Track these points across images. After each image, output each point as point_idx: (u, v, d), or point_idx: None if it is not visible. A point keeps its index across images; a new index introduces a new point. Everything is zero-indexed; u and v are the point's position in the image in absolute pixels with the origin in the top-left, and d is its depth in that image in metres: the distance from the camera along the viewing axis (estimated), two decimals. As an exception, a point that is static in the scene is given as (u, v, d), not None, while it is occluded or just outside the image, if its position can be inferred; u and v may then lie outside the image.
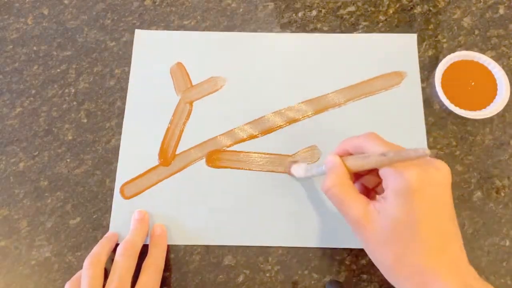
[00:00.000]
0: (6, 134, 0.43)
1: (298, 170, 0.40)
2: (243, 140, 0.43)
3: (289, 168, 0.41)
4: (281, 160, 0.42)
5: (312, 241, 0.40)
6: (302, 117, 0.43)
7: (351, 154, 0.32)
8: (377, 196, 0.33)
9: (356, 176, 0.35)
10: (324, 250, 0.39)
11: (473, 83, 0.42)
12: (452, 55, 0.43)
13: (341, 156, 0.32)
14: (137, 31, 0.47)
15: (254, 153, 0.42)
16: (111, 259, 0.38)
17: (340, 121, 0.43)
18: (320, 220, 0.40)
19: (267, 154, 0.42)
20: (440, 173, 0.29)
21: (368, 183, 0.35)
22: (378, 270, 0.38)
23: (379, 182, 0.33)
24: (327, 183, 0.31)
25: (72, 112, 0.44)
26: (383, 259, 0.29)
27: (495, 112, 0.41)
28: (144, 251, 0.38)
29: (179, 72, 0.45)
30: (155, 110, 0.44)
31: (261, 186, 0.41)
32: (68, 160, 0.43)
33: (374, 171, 0.33)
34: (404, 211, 0.28)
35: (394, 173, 0.28)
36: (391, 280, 0.29)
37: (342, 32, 0.46)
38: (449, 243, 0.28)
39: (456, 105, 0.41)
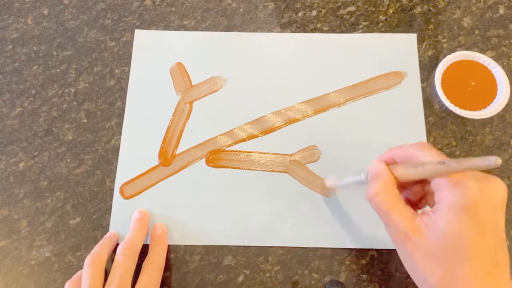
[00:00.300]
0: (6, 134, 0.43)
1: (331, 182, 0.39)
2: (243, 140, 0.43)
3: (324, 186, 0.40)
4: (281, 159, 0.42)
5: (312, 241, 0.40)
6: (302, 117, 0.43)
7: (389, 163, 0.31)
8: (424, 210, 0.31)
9: (399, 188, 0.32)
10: (324, 250, 0.39)
11: (473, 83, 0.42)
12: (452, 55, 0.43)
13: (387, 164, 0.31)
14: (136, 31, 0.47)
15: (254, 153, 0.42)
16: (111, 259, 0.38)
17: (340, 121, 0.43)
18: (320, 220, 0.40)
19: (267, 154, 0.42)
20: (499, 191, 0.27)
21: (412, 196, 0.33)
22: (378, 270, 0.39)
23: (423, 196, 0.32)
24: (372, 191, 0.30)
25: (72, 112, 0.44)
26: (428, 276, 0.27)
27: (495, 112, 0.41)
28: (144, 251, 0.38)
29: (179, 72, 0.45)
30: (155, 110, 0.44)
31: (261, 186, 0.41)
32: (68, 160, 0.42)
33: (420, 183, 0.31)
34: (458, 227, 0.26)
35: (451, 184, 0.27)
36: None
37: (342, 32, 0.46)
38: (499, 269, 0.26)
39: (456, 105, 0.41)
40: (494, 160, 0.24)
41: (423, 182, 0.31)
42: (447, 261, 0.26)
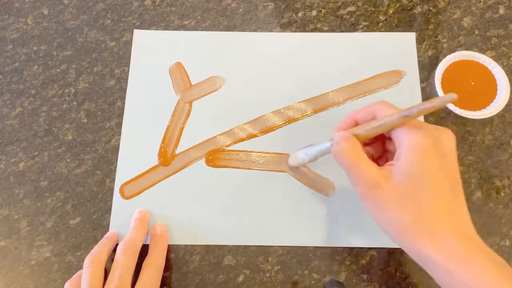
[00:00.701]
0: (6, 134, 0.43)
1: (296, 158, 0.39)
2: (242, 140, 0.43)
3: (287, 163, 0.41)
4: (281, 159, 0.42)
5: (312, 240, 0.40)
6: (302, 116, 0.43)
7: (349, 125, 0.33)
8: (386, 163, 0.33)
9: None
10: (324, 250, 0.39)
11: (473, 83, 0.42)
12: (452, 55, 0.42)
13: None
14: (135, 31, 0.47)
15: (254, 152, 0.42)
16: (111, 259, 0.38)
17: (340, 120, 0.43)
18: (320, 220, 0.40)
19: (267, 153, 0.42)
20: (449, 140, 0.30)
21: (373, 153, 0.35)
22: (378, 270, 0.39)
23: (382, 154, 0.34)
24: (338, 148, 0.31)
25: (72, 112, 0.44)
26: (402, 216, 0.28)
27: (495, 112, 0.41)
28: (144, 251, 0.38)
29: (178, 72, 0.45)
30: (155, 110, 0.44)
31: (261, 185, 0.41)
32: (68, 160, 0.43)
33: (380, 141, 0.34)
34: (420, 166, 0.28)
35: (411, 128, 0.29)
36: (406, 239, 0.29)
37: (342, 32, 0.46)
38: (460, 206, 0.29)
39: (456, 105, 0.41)
40: (451, 96, 0.27)
41: (383, 139, 0.33)
42: (415, 200, 0.28)
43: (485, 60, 0.42)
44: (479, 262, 0.27)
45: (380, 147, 0.34)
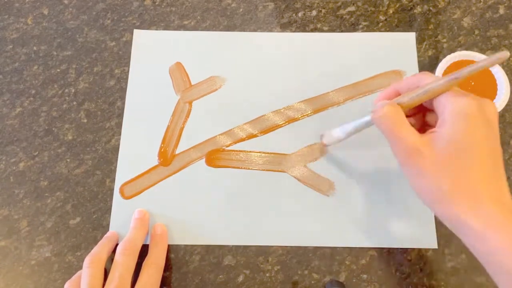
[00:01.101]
0: (6, 134, 0.43)
1: (331, 137, 0.39)
2: (242, 140, 0.43)
3: (322, 143, 0.41)
4: (281, 159, 0.42)
5: (312, 240, 0.40)
6: (302, 116, 0.43)
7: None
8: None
9: None
10: (324, 250, 0.39)
11: (473, 83, 0.42)
12: (452, 55, 0.42)
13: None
14: (135, 31, 0.47)
15: (254, 152, 0.42)
16: (111, 259, 0.38)
17: (340, 120, 0.43)
18: (320, 220, 0.40)
19: (267, 153, 0.42)
20: (492, 107, 0.29)
21: (412, 124, 0.34)
22: (378, 270, 0.39)
23: (423, 126, 0.34)
24: (380, 111, 0.30)
25: (72, 112, 0.44)
26: (441, 183, 0.28)
27: (499, 109, 0.40)
28: (144, 251, 0.38)
29: (178, 72, 0.45)
30: (155, 110, 0.44)
31: (261, 185, 0.41)
32: (68, 160, 0.43)
33: (421, 112, 0.33)
34: (465, 133, 0.28)
35: (454, 96, 0.29)
36: (445, 206, 0.28)
37: (342, 32, 0.46)
38: (499, 176, 0.28)
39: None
40: (504, 54, 0.26)
41: (424, 111, 0.33)
42: (456, 168, 0.28)
43: (481, 58, 0.42)
44: None
45: (421, 120, 0.34)
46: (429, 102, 0.31)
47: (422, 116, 0.34)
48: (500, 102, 0.41)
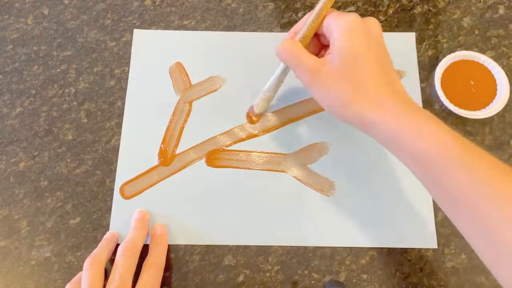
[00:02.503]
0: (6, 134, 0.43)
1: (258, 103, 0.42)
2: (242, 140, 0.43)
3: (252, 113, 0.43)
4: (281, 159, 0.42)
5: (311, 240, 0.40)
6: (302, 116, 0.43)
7: None
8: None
9: None
10: (324, 250, 0.39)
11: (472, 83, 0.42)
12: (452, 55, 0.43)
13: None
14: (135, 31, 0.47)
15: (254, 152, 0.42)
16: (111, 260, 0.38)
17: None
18: (320, 220, 0.40)
19: (267, 153, 0.42)
20: (374, 21, 0.34)
21: (312, 51, 0.38)
22: (378, 270, 0.39)
23: (320, 49, 0.38)
24: (280, 46, 0.35)
25: (72, 112, 0.44)
26: (344, 93, 0.32)
27: (495, 112, 0.41)
28: (144, 251, 0.38)
29: (178, 72, 0.45)
30: (155, 110, 0.44)
31: (261, 185, 0.41)
32: (68, 160, 0.43)
33: (315, 38, 0.37)
34: (352, 44, 0.32)
35: (339, 17, 0.33)
36: (349, 111, 0.32)
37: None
38: (391, 75, 0.33)
39: (456, 105, 0.41)
40: None
41: (317, 36, 0.37)
42: (353, 75, 0.32)
43: (485, 60, 0.42)
44: (414, 114, 0.30)
45: (317, 43, 0.37)
46: (322, 33, 0.35)
47: (317, 40, 0.37)
48: (500, 102, 0.41)
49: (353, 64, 0.32)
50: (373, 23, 0.33)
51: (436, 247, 0.39)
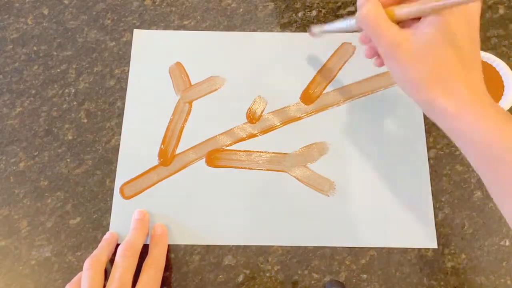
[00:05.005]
0: (6, 134, 0.43)
1: (318, 28, 0.41)
2: (242, 139, 0.43)
3: (310, 30, 0.42)
4: (281, 159, 0.42)
5: (312, 240, 0.40)
6: (302, 116, 0.43)
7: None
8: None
9: None
10: (324, 250, 0.39)
11: None
12: None
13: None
14: (135, 31, 0.47)
15: (254, 152, 0.42)
16: (111, 260, 0.38)
17: (340, 119, 0.43)
18: (320, 219, 0.40)
19: (267, 153, 0.42)
20: (475, 4, 0.30)
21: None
22: (378, 270, 0.39)
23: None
24: (363, 11, 0.32)
25: (72, 112, 0.44)
26: (419, 72, 0.30)
27: (506, 109, 0.40)
28: (144, 251, 0.38)
29: (178, 72, 0.45)
30: (155, 110, 0.44)
31: (261, 185, 0.41)
32: (68, 160, 0.43)
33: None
34: (438, 30, 0.29)
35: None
36: (421, 93, 0.31)
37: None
38: (476, 66, 0.31)
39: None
40: None
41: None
42: (433, 58, 0.30)
43: (494, 60, 0.42)
44: (487, 109, 0.29)
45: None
46: None
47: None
48: (507, 102, 0.41)
49: (438, 44, 0.30)
50: (474, 7, 0.31)
51: (436, 247, 0.39)
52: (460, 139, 0.31)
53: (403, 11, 0.31)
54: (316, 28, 0.42)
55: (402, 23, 0.33)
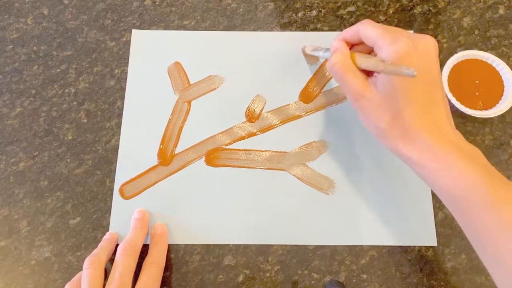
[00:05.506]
0: (6, 134, 0.43)
1: (308, 48, 0.44)
2: (242, 138, 0.43)
3: (303, 48, 0.45)
4: (280, 157, 0.42)
5: (311, 239, 0.40)
6: (301, 114, 0.43)
7: (348, 43, 0.36)
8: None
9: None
10: (324, 250, 0.39)
11: (477, 82, 0.42)
12: (459, 54, 0.42)
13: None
14: (134, 31, 0.47)
15: (253, 151, 0.42)
16: (111, 260, 0.38)
17: (339, 118, 0.43)
18: (319, 218, 0.40)
19: (266, 151, 0.42)
20: (427, 43, 0.32)
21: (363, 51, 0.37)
22: (378, 270, 0.39)
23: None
24: (332, 60, 0.34)
25: (72, 112, 0.44)
26: (379, 122, 0.32)
27: (505, 110, 0.40)
28: (144, 251, 0.38)
29: (177, 72, 0.45)
30: (154, 109, 0.44)
31: (261, 184, 0.41)
32: (68, 160, 0.43)
33: (370, 53, 0.36)
34: (396, 80, 0.31)
35: (386, 46, 0.31)
36: (385, 141, 0.33)
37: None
38: (435, 107, 0.32)
39: (462, 104, 0.41)
40: (412, 71, 0.28)
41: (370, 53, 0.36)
42: (392, 108, 0.31)
43: (494, 60, 0.42)
44: (448, 153, 0.30)
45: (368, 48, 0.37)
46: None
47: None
48: (507, 102, 0.41)
49: (395, 95, 0.31)
50: (426, 45, 0.32)
51: (435, 244, 0.39)
52: (427, 183, 0.32)
53: (362, 63, 0.33)
54: (307, 49, 0.44)
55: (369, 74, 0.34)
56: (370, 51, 0.36)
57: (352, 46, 0.37)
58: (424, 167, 0.31)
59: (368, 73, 0.35)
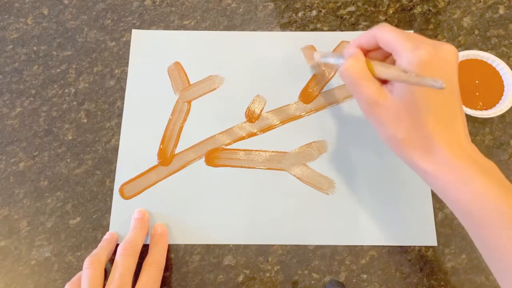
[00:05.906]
0: (6, 134, 0.43)
1: (315, 55, 0.40)
2: (242, 138, 0.43)
3: (306, 55, 0.43)
4: (280, 157, 0.42)
5: (312, 239, 0.40)
6: (301, 114, 0.43)
7: (363, 49, 0.34)
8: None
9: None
10: (324, 250, 0.39)
11: (477, 82, 0.42)
12: (459, 53, 0.42)
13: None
14: (134, 31, 0.47)
15: (253, 151, 0.42)
16: (111, 260, 0.38)
17: (339, 118, 0.43)
18: (320, 218, 0.40)
19: (266, 151, 0.42)
20: (449, 52, 0.30)
21: (379, 57, 0.36)
22: (378, 270, 0.39)
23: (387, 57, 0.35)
24: (346, 64, 0.33)
25: (72, 112, 0.44)
26: (396, 132, 0.31)
27: (505, 109, 0.40)
28: (144, 251, 0.38)
29: (177, 72, 0.45)
30: (154, 109, 0.44)
31: (261, 184, 0.41)
32: (68, 160, 0.43)
33: (386, 59, 0.35)
34: (416, 89, 0.30)
35: (406, 52, 0.30)
36: (400, 151, 0.32)
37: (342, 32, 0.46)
38: (455, 119, 0.31)
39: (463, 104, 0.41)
40: (441, 84, 0.27)
41: (387, 57, 0.35)
42: (411, 117, 0.30)
43: (494, 60, 0.42)
44: (466, 167, 0.29)
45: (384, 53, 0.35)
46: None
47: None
48: (507, 102, 0.41)
49: (415, 104, 0.30)
50: (447, 54, 0.30)
51: (435, 244, 0.39)
52: (441, 196, 0.31)
53: (382, 73, 0.32)
54: (316, 56, 0.40)
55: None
56: (385, 58, 0.35)
57: (366, 52, 0.35)
58: (439, 179, 0.30)
59: (383, 81, 0.33)
